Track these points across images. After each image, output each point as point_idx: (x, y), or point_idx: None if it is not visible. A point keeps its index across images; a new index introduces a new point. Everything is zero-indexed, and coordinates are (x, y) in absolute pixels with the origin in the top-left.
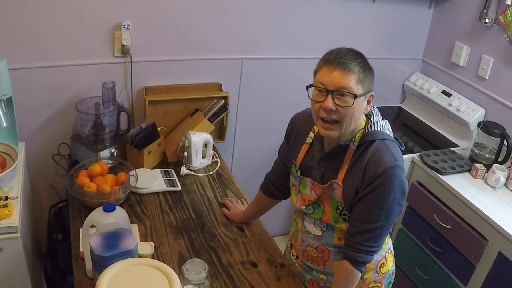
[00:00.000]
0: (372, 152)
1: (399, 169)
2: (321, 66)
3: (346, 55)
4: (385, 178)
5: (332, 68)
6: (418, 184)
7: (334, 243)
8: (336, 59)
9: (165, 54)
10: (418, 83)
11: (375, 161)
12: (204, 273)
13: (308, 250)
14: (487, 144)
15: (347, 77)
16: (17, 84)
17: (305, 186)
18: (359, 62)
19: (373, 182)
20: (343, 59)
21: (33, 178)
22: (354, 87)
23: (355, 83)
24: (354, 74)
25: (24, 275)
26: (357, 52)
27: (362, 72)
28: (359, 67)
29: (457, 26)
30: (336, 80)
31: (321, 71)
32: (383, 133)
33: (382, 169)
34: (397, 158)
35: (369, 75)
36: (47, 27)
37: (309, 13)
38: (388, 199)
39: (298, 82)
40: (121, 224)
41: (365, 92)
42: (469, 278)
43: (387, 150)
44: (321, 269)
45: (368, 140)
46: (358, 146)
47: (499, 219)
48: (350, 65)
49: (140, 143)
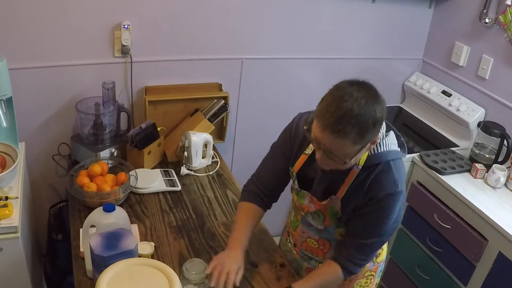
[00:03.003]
0: (375, 175)
1: (399, 195)
2: (317, 115)
3: (346, 115)
4: (384, 203)
5: (325, 129)
6: (418, 184)
7: (336, 238)
8: (330, 124)
9: (165, 54)
10: (418, 83)
11: (376, 185)
12: (204, 273)
13: (309, 242)
14: (487, 144)
15: (339, 142)
16: (17, 84)
17: (303, 198)
18: (361, 122)
19: (372, 204)
20: (338, 123)
21: (33, 178)
22: (347, 151)
23: (349, 146)
24: (349, 139)
25: (24, 275)
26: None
27: (360, 133)
28: (358, 128)
29: (457, 26)
30: (327, 143)
31: (316, 121)
32: (389, 152)
33: (382, 195)
34: (398, 183)
35: (372, 129)
36: (47, 27)
37: (309, 13)
38: (386, 220)
39: (298, 82)
40: (121, 224)
41: (363, 146)
42: (469, 278)
43: (389, 174)
44: (320, 260)
45: (372, 163)
46: (362, 168)
47: (499, 219)
48: (345, 133)
49: (140, 143)
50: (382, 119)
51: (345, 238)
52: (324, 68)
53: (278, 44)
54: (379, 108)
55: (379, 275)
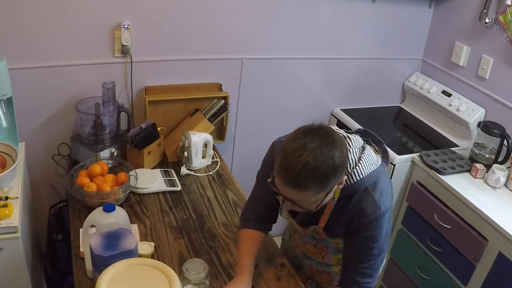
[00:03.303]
0: (354, 204)
1: (383, 215)
2: (275, 171)
3: (303, 169)
4: (371, 227)
5: (286, 185)
6: (418, 184)
7: (333, 245)
8: (289, 180)
9: (165, 54)
10: (418, 83)
11: (359, 214)
12: (204, 273)
13: (307, 246)
14: (487, 144)
15: (301, 195)
16: (17, 84)
17: (292, 224)
18: (318, 175)
19: (359, 232)
20: (296, 179)
21: (33, 178)
22: (310, 200)
23: (313, 195)
24: (311, 190)
25: (24, 275)
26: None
27: (322, 182)
28: (318, 180)
29: (457, 26)
30: (291, 196)
31: (276, 176)
32: (363, 180)
33: (367, 221)
34: (380, 205)
35: (334, 175)
36: (47, 27)
37: (309, 13)
38: (378, 242)
39: (298, 82)
40: (121, 224)
41: (329, 191)
42: (469, 278)
43: (369, 199)
44: (320, 261)
45: (348, 194)
46: (339, 200)
47: (499, 219)
48: (305, 185)
49: (140, 143)
50: (343, 163)
51: (344, 265)
52: (324, 68)
53: (278, 44)
54: (337, 153)
55: None
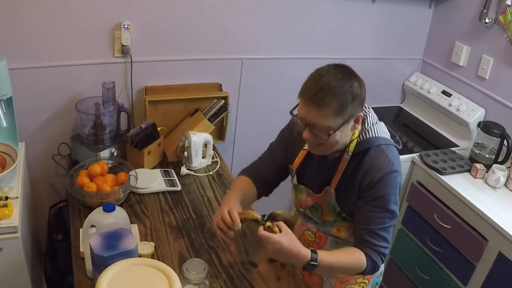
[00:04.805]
0: (368, 160)
1: (395, 174)
2: (300, 93)
3: (324, 88)
4: (384, 183)
5: (308, 104)
6: (418, 184)
7: (333, 234)
8: (312, 96)
9: (165, 54)
10: (418, 83)
11: (371, 169)
12: (204, 273)
13: (306, 234)
14: (487, 144)
15: (322, 116)
16: (17, 84)
17: (301, 193)
18: (339, 94)
19: (372, 188)
20: (318, 96)
21: (33, 178)
22: (330, 123)
23: (332, 118)
24: (331, 110)
25: (24, 275)
26: (343, 75)
27: (342, 104)
28: (338, 100)
29: (457, 26)
30: (310, 116)
31: (300, 101)
32: (378, 138)
33: (380, 176)
34: (393, 163)
35: (352, 102)
36: (47, 27)
37: (309, 13)
38: (390, 203)
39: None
40: (121, 224)
41: (346, 120)
42: (469, 278)
43: (383, 156)
44: None
45: (362, 149)
46: (353, 155)
47: (499, 219)
48: (325, 102)
49: (140, 143)
50: (361, 95)
51: (357, 230)
52: None
53: (278, 44)
54: (356, 84)
55: (374, 286)
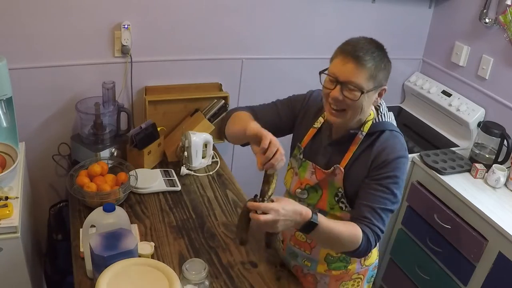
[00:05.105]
0: (382, 141)
1: (407, 160)
2: (337, 55)
3: (363, 48)
4: (396, 165)
5: (346, 60)
6: (418, 184)
7: None
8: (352, 52)
9: (165, 54)
10: (418, 83)
11: (386, 149)
12: (204, 273)
13: (297, 235)
14: (487, 144)
15: (359, 72)
16: (17, 84)
17: (305, 170)
18: (375, 57)
19: (383, 168)
20: (358, 52)
21: (33, 178)
22: (364, 83)
23: (366, 79)
24: (367, 70)
25: (24, 275)
26: (376, 45)
27: (376, 68)
28: (374, 62)
29: (457, 26)
30: (347, 73)
31: (335, 60)
32: (392, 124)
33: (394, 157)
34: (406, 149)
35: (383, 70)
36: (47, 27)
37: (309, 13)
38: (396, 186)
39: (298, 82)
40: (121, 224)
41: (376, 86)
42: (469, 278)
43: (397, 140)
44: (306, 255)
45: (377, 130)
46: (366, 135)
47: (499, 219)
48: (364, 60)
49: (140, 143)
50: (389, 68)
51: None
52: (324, 68)
53: (278, 44)
54: (387, 56)
55: (369, 280)
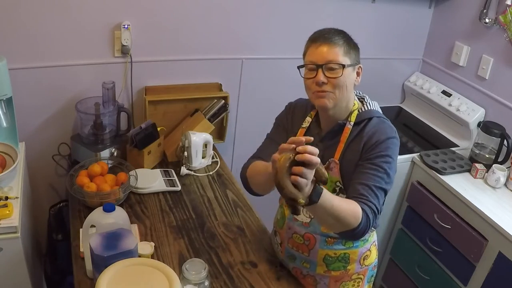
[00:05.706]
0: (372, 126)
1: (397, 140)
2: (308, 46)
3: (329, 31)
4: (387, 145)
5: (318, 44)
6: (418, 184)
7: (322, 231)
8: (321, 36)
9: (165, 54)
10: (418, 83)
11: (377, 132)
12: (204, 273)
13: (294, 237)
14: (487, 144)
15: (333, 50)
16: (17, 84)
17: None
18: (342, 37)
19: (375, 148)
20: (327, 35)
21: (33, 178)
22: (341, 59)
23: (342, 55)
24: (340, 47)
25: (24, 275)
26: (339, 30)
27: (347, 45)
28: (343, 40)
29: (457, 26)
30: (324, 55)
31: (309, 51)
32: (378, 112)
33: (385, 137)
34: (395, 131)
35: (354, 48)
36: (47, 27)
37: (309, 13)
38: (389, 166)
39: (298, 82)
40: (121, 224)
41: (352, 63)
42: (469, 278)
43: (387, 125)
44: (305, 257)
45: (365, 118)
46: (355, 124)
47: (499, 219)
48: (334, 39)
49: (140, 143)
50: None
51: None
52: None
53: (278, 44)
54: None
55: (369, 280)
